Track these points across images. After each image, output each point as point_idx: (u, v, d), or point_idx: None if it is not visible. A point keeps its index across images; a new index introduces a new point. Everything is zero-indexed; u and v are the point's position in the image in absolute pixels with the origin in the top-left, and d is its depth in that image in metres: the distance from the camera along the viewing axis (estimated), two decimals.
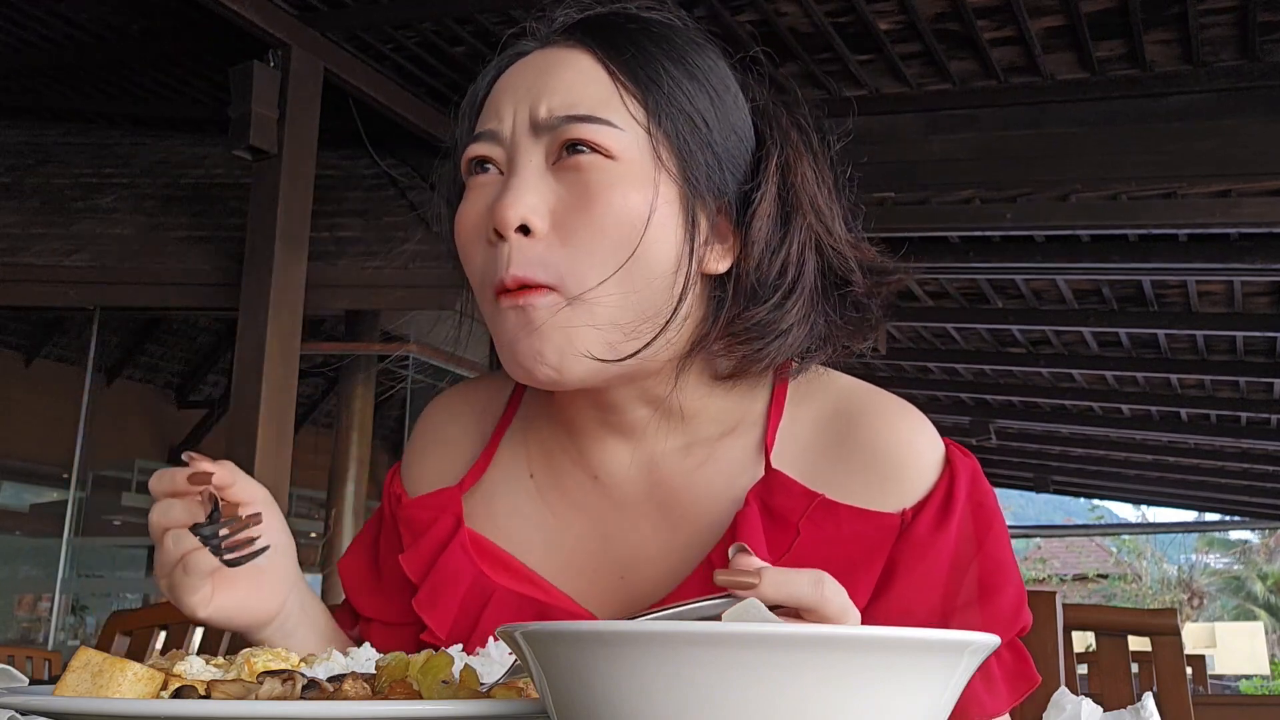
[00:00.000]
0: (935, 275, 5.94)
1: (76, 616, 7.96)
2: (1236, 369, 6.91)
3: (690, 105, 0.82)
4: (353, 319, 5.66)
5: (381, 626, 0.94)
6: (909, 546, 0.82)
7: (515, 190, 0.79)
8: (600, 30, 0.84)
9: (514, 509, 0.92)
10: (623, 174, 0.79)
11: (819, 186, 0.85)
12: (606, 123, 0.79)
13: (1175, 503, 13.20)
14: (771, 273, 0.82)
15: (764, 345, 0.82)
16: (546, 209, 0.79)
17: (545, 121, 0.80)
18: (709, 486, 0.87)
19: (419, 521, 0.93)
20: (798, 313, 0.83)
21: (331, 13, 4.66)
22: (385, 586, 0.95)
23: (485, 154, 0.82)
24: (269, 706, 0.58)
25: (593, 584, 0.88)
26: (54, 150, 6.59)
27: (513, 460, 0.94)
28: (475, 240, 0.83)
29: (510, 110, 0.82)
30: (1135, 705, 0.58)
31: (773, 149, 0.84)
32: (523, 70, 0.85)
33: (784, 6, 4.27)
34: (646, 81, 0.81)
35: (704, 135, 0.82)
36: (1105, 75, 4.45)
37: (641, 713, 0.47)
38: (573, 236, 0.78)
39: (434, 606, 0.89)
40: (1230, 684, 12.91)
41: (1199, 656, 4.87)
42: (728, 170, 0.83)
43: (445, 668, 0.66)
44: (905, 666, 0.47)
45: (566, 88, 0.81)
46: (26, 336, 8.95)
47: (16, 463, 8.80)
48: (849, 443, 0.86)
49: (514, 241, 0.79)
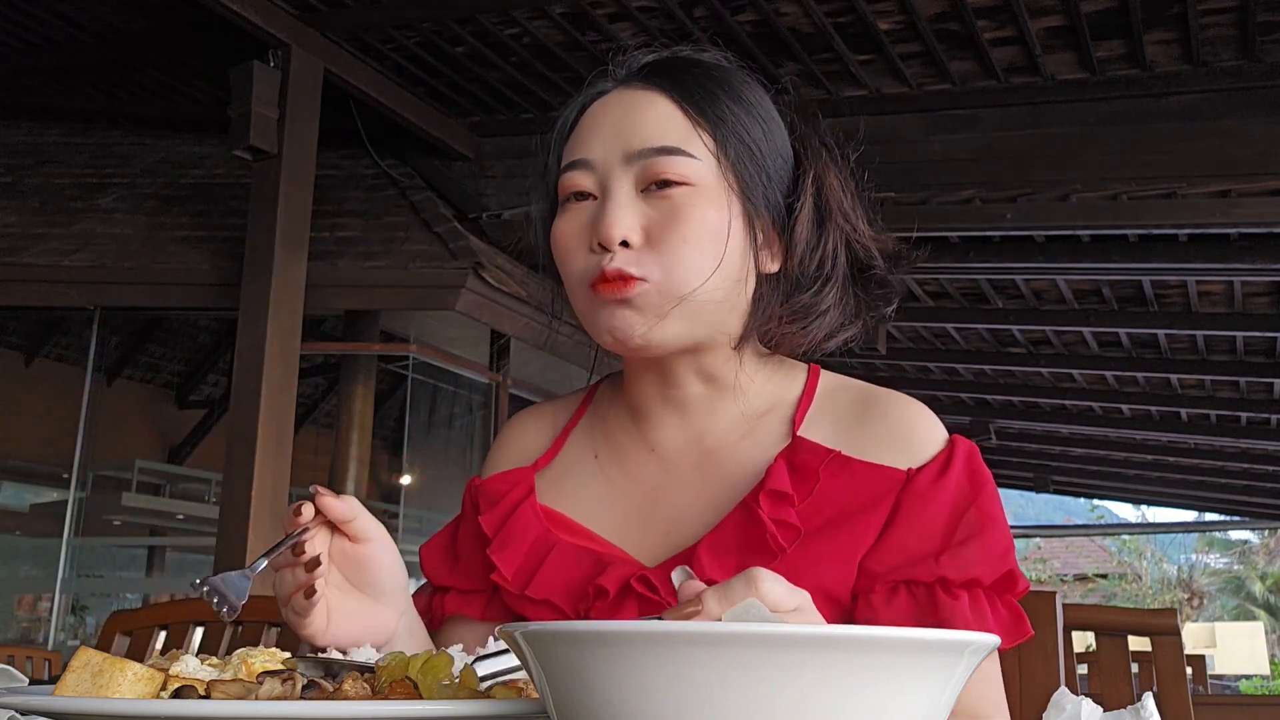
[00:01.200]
0: (935, 275, 5.94)
1: (76, 616, 7.96)
2: (1236, 369, 6.91)
3: (748, 136, 1.00)
4: (353, 319, 5.66)
5: (457, 594, 1.09)
6: (910, 496, 0.96)
7: (616, 211, 0.96)
8: (672, 74, 1.01)
9: (579, 485, 1.08)
10: (702, 196, 0.96)
11: (844, 192, 1.03)
12: (687, 154, 0.97)
13: (1175, 503, 13.20)
14: (811, 267, 1.01)
15: (807, 324, 1.01)
16: (640, 226, 0.96)
17: (637, 153, 0.97)
18: (748, 453, 1.03)
19: (495, 492, 1.09)
20: (833, 297, 1.01)
21: (331, 13, 4.66)
22: (461, 564, 1.10)
23: (581, 181, 0.99)
24: (269, 706, 0.58)
25: (643, 538, 1.02)
26: (54, 150, 6.59)
27: (580, 448, 1.11)
28: (577, 249, 0.99)
29: (601, 143, 0.99)
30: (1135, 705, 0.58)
31: (808, 166, 1.02)
32: (608, 107, 1.02)
33: (784, 6, 4.27)
34: (714, 118, 0.99)
35: (759, 160, 1.00)
36: (1105, 75, 4.45)
37: (641, 713, 0.47)
38: (664, 247, 0.95)
39: (504, 549, 1.04)
40: (1230, 684, 12.92)
41: (1199, 656, 4.87)
42: (775, 187, 1.01)
43: (445, 668, 0.66)
44: (905, 666, 0.47)
45: (652, 124, 0.98)
46: (26, 336, 8.95)
47: (16, 463, 8.80)
48: (867, 419, 1.02)
49: (616, 251, 0.95)
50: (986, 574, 0.92)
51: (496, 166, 5.74)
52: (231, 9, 4.35)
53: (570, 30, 4.60)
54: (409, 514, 6.79)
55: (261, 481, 4.43)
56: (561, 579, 1.00)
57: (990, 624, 0.91)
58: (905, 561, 0.93)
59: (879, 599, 0.92)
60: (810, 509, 0.97)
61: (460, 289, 5.02)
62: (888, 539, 0.95)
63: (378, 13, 4.67)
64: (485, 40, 4.77)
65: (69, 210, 5.78)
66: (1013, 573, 0.93)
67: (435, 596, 1.11)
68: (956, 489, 0.96)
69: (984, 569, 0.91)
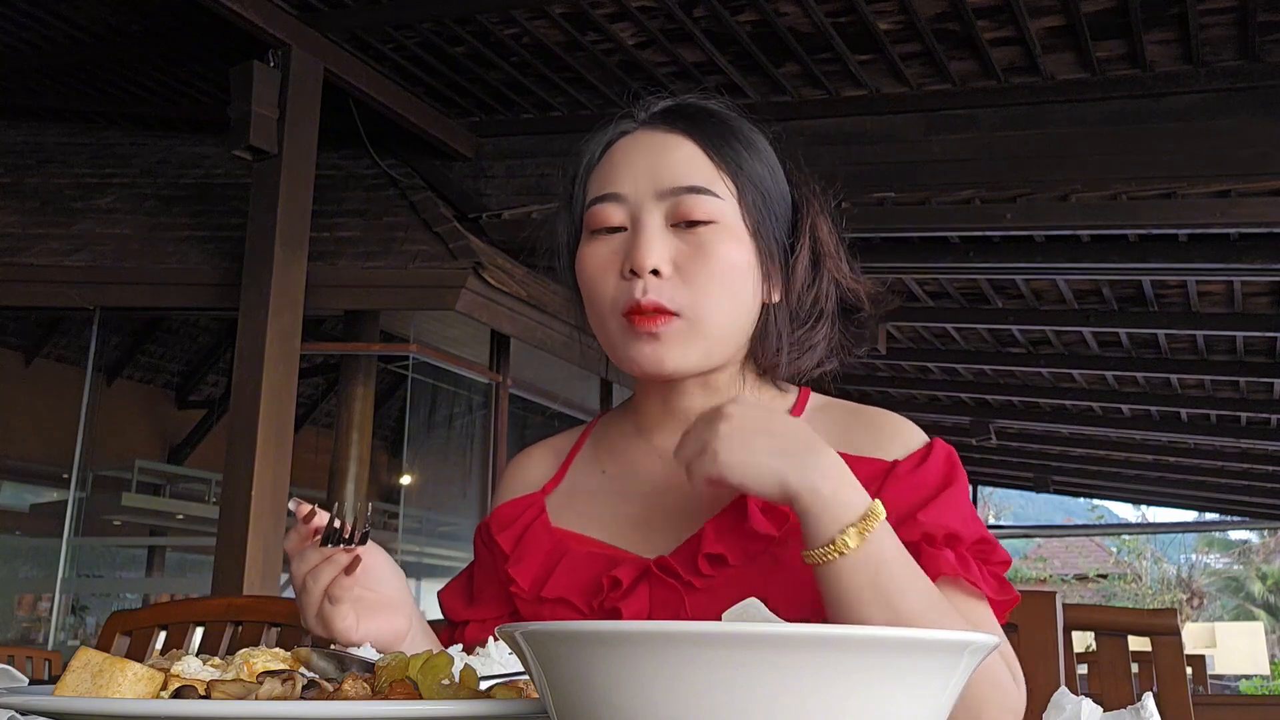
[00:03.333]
0: (935, 275, 5.93)
1: (76, 616, 7.96)
2: (1236, 369, 6.91)
3: (759, 179, 1.09)
4: (353, 319, 5.66)
5: (476, 624, 1.16)
6: (892, 480, 1.04)
7: (649, 243, 1.03)
8: (693, 119, 1.10)
9: (589, 498, 1.15)
10: (727, 234, 1.05)
11: (830, 235, 1.13)
12: (714, 194, 1.05)
13: (1175, 503, 13.20)
14: (807, 303, 1.11)
15: (801, 355, 1.11)
16: (670, 258, 1.04)
17: (669, 190, 1.05)
18: None
19: (507, 516, 1.16)
20: (824, 333, 1.12)
21: (331, 13, 4.66)
22: (478, 598, 1.17)
23: (613, 213, 1.06)
24: (269, 706, 0.58)
25: (650, 534, 1.08)
26: (54, 150, 6.59)
27: (586, 470, 1.18)
28: (607, 276, 1.06)
29: (632, 179, 1.07)
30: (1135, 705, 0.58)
31: (805, 210, 1.12)
32: (635, 146, 1.09)
33: (784, 6, 4.27)
34: (732, 162, 1.08)
35: (768, 202, 1.09)
36: (1105, 75, 4.45)
37: (641, 713, 0.47)
38: (693, 279, 1.03)
39: (519, 563, 1.11)
40: (1230, 684, 12.92)
41: (1199, 656, 4.86)
42: (780, 226, 1.11)
43: (445, 668, 0.66)
44: (905, 666, 0.47)
45: (681, 165, 1.07)
46: (26, 336, 8.95)
47: (16, 463, 8.79)
48: (854, 426, 1.11)
49: (648, 279, 1.03)
50: (966, 532, 0.99)
51: (496, 166, 5.73)
52: (231, 9, 4.35)
53: (570, 30, 4.60)
54: (409, 514, 6.79)
55: (261, 481, 4.43)
56: (575, 579, 1.06)
57: (975, 574, 0.97)
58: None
59: None
60: None
61: (460, 289, 5.02)
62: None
63: (378, 13, 4.67)
64: (485, 40, 4.77)
65: (69, 210, 5.77)
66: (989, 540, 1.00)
67: (455, 631, 1.17)
68: (933, 472, 1.04)
69: (962, 527, 0.99)
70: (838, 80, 4.75)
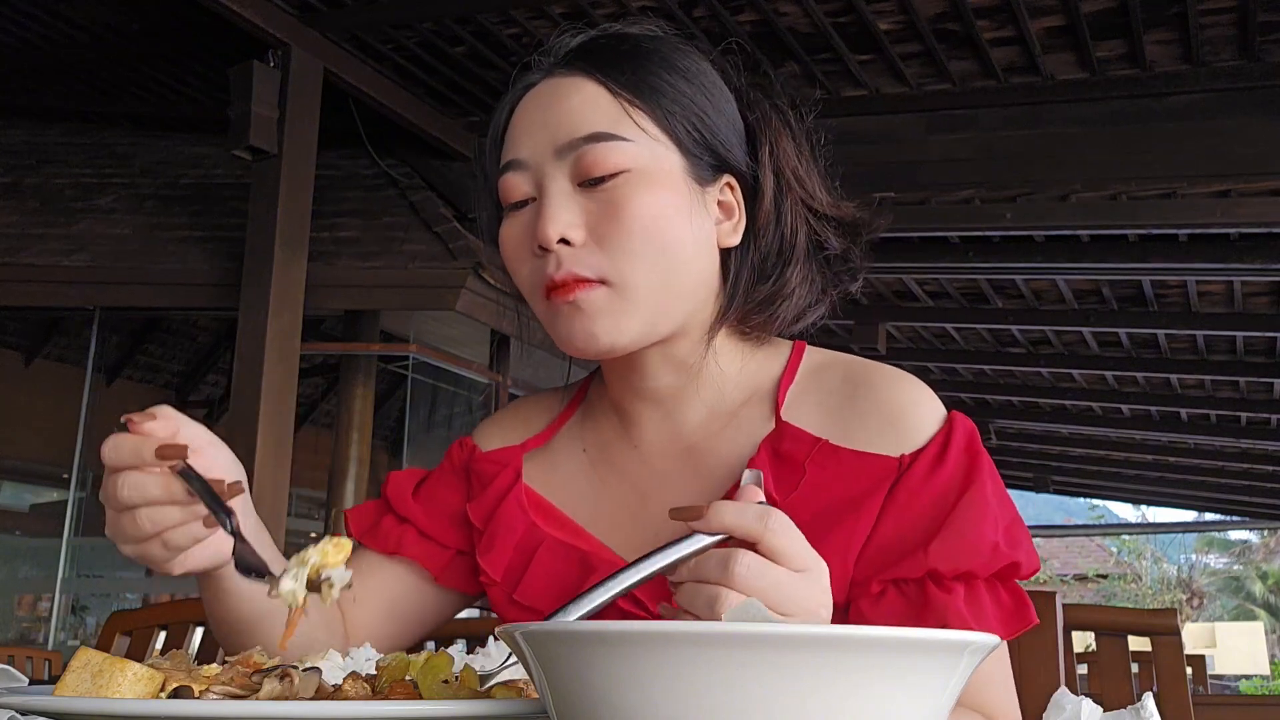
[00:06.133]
0: (935, 275, 5.93)
1: (76, 616, 7.95)
2: (1236, 369, 6.91)
3: (689, 106, 0.94)
4: (352, 319, 5.66)
5: (419, 536, 1.08)
6: (902, 489, 0.90)
7: (551, 210, 0.91)
8: (597, 55, 0.95)
9: (569, 478, 1.06)
10: (642, 181, 0.91)
11: (799, 159, 0.98)
12: (619, 138, 0.91)
13: (1175, 503, 13.20)
14: (774, 241, 0.96)
15: (774, 308, 0.97)
16: (580, 222, 0.91)
17: (566, 145, 0.92)
18: (730, 444, 0.99)
19: (485, 474, 1.08)
20: (798, 276, 0.97)
21: (331, 13, 4.66)
22: (432, 509, 1.09)
23: (517, 184, 0.94)
24: (269, 706, 0.58)
25: (630, 537, 1.00)
26: (54, 150, 6.59)
27: (571, 441, 1.08)
28: (521, 255, 0.95)
29: (530, 140, 0.94)
30: (1135, 705, 0.58)
31: (761, 134, 0.98)
32: (534, 101, 0.96)
33: (784, 6, 4.27)
34: (649, 93, 0.93)
35: (704, 131, 0.94)
36: (1105, 75, 4.45)
37: (641, 713, 0.47)
38: (608, 241, 0.90)
39: (490, 550, 1.02)
40: (1230, 684, 12.92)
41: (1199, 656, 4.86)
42: (729, 157, 0.96)
43: (445, 668, 0.66)
44: (905, 666, 0.47)
45: (577, 112, 0.93)
46: (26, 336, 8.94)
47: (16, 463, 8.79)
48: (856, 400, 0.96)
49: (558, 251, 0.91)
50: (983, 565, 0.86)
51: None
52: (231, 9, 4.34)
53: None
54: None
55: (261, 481, 4.43)
56: (547, 582, 0.98)
57: (989, 618, 0.86)
58: (892, 559, 0.88)
59: (867, 604, 0.87)
60: (797, 502, 0.91)
61: (460, 289, 5.02)
62: (875, 538, 0.90)
63: (378, 13, 4.67)
64: (485, 40, 4.77)
65: (68, 210, 5.77)
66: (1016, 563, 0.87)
67: (395, 523, 1.09)
68: (950, 477, 0.90)
69: (979, 560, 0.86)
70: (837, 80, 4.75)
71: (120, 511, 0.82)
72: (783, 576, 0.67)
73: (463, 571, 1.08)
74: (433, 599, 1.11)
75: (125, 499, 0.81)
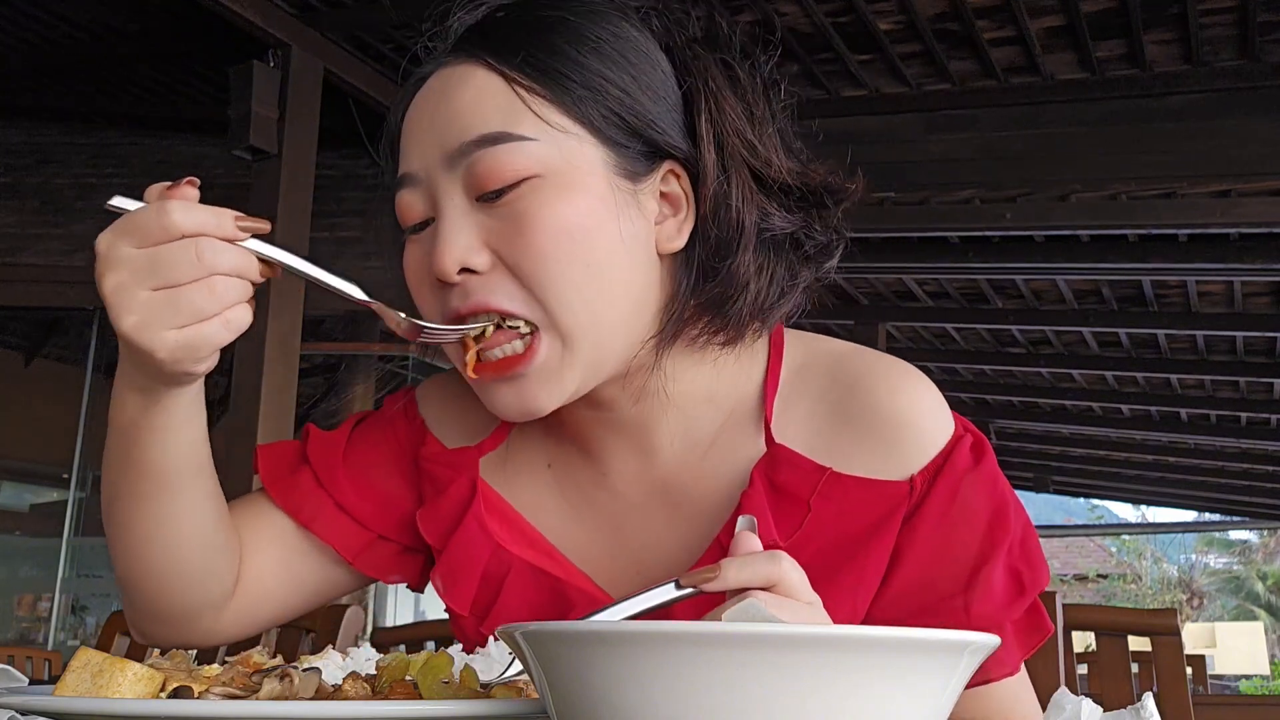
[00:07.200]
0: (935, 275, 5.93)
1: (76, 616, 7.96)
2: (1236, 369, 6.91)
3: (605, 83, 0.77)
4: (353, 319, 5.66)
5: (335, 510, 0.92)
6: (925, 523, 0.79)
7: (446, 237, 0.75)
8: (489, 37, 0.79)
9: (534, 495, 0.91)
10: (550, 186, 0.74)
11: (750, 121, 0.80)
12: (516, 137, 0.75)
13: (1175, 503, 13.20)
14: (725, 226, 0.78)
15: (730, 305, 0.79)
16: (481, 244, 0.75)
17: (455, 152, 0.76)
18: (714, 473, 0.85)
19: (439, 478, 0.92)
20: (751, 264, 0.79)
21: (331, 13, 4.66)
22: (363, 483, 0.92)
23: (411, 203, 0.79)
24: (269, 706, 0.58)
25: (609, 569, 0.87)
26: (54, 150, 6.59)
27: (531, 449, 0.92)
28: (422, 287, 0.80)
29: (419, 149, 0.78)
30: (1135, 705, 0.58)
31: (698, 99, 0.79)
32: (424, 101, 0.80)
33: (784, 6, 4.27)
34: (551, 75, 0.76)
35: (628, 114, 0.77)
36: (1105, 75, 4.45)
37: (641, 713, 0.47)
38: (521, 267, 0.74)
39: (454, 584, 0.88)
40: (1230, 684, 12.92)
41: (1199, 656, 4.86)
42: (661, 140, 0.78)
43: (445, 668, 0.66)
44: (905, 666, 0.47)
45: (467, 110, 0.76)
46: (26, 336, 8.94)
47: (16, 463, 8.79)
48: (849, 410, 0.83)
49: (463, 281, 0.76)
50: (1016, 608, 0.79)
51: None
52: (231, 9, 4.34)
53: None
54: None
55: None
56: (522, 615, 0.86)
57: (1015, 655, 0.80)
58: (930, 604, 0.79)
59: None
60: (801, 541, 0.80)
61: None
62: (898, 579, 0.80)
63: (377, 13, 4.67)
64: None
65: (69, 210, 5.77)
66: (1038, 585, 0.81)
67: (312, 486, 0.92)
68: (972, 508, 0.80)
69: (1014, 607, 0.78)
70: (837, 80, 4.75)
71: (179, 287, 0.71)
72: (801, 610, 0.63)
73: (382, 558, 0.93)
74: (341, 578, 0.95)
75: (210, 263, 0.70)
